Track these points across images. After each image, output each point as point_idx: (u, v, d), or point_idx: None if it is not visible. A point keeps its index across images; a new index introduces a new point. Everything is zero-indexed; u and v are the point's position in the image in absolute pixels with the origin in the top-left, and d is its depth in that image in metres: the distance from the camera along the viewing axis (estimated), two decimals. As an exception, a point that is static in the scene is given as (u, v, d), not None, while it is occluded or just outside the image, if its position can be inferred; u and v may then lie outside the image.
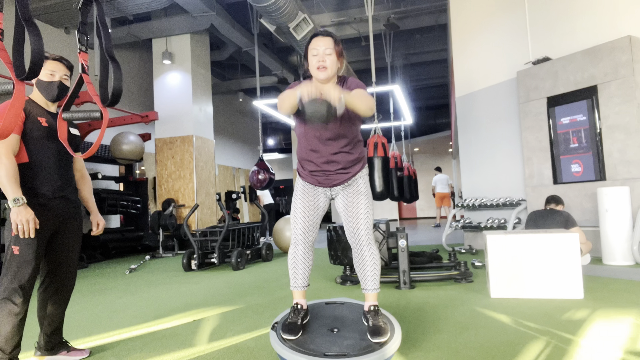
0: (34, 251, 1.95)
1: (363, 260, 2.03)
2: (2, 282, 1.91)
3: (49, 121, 2.08)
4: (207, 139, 9.08)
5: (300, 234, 2.06)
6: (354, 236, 2.04)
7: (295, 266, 2.08)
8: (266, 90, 13.59)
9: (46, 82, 2.08)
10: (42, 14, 7.05)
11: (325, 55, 1.94)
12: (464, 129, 6.68)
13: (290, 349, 1.81)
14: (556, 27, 5.43)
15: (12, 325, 1.89)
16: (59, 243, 2.12)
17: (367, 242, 2.02)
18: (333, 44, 1.95)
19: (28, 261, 1.93)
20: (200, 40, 9.05)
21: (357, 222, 2.02)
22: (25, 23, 1.25)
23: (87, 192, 2.36)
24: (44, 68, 2.05)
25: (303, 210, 2.07)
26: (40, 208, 1.97)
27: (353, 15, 8.71)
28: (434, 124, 16.15)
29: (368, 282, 2.03)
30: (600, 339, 2.14)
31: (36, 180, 2.00)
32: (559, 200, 4.27)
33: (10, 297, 1.89)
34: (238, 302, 3.42)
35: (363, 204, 2.04)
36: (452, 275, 3.77)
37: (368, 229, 2.03)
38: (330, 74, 1.95)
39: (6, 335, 1.89)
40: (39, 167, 2.01)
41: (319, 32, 2.00)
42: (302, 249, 2.07)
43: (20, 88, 1.25)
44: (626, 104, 4.52)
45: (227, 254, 5.49)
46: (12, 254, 1.91)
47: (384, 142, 5.21)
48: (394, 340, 1.84)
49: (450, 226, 6.53)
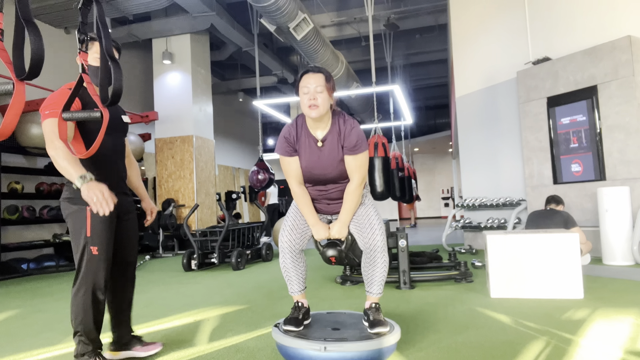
0: (111, 248, 1.94)
1: (374, 266, 2.04)
2: (85, 282, 1.89)
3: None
4: (207, 139, 9.08)
5: (285, 242, 2.08)
6: (370, 245, 2.03)
7: (287, 274, 2.10)
8: (266, 90, 13.59)
9: (95, 67, 1.97)
10: (42, 14, 7.05)
11: (316, 93, 1.88)
12: (464, 129, 6.68)
13: (291, 337, 1.88)
14: (556, 27, 5.43)
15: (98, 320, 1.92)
16: (120, 239, 2.07)
17: (382, 248, 2.03)
18: (324, 81, 1.90)
19: (106, 259, 1.92)
20: (200, 40, 9.05)
21: (372, 232, 2.02)
22: (25, 23, 1.25)
23: (136, 178, 2.30)
24: (92, 51, 1.97)
25: (293, 220, 2.09)
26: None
27: (353, 15, 8.71)
28: (434, 124, 16.14)
29: (374, 287, 2.06)
30: (600, 339, 2.14)
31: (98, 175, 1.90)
32: (559, 200, 4.26)
33: (97, 296, 1.90)
34: (238, 302, 3.42)
35: (373, 214, 2.06)
36: (452, 275, 3.77)
37: (383, 237, 2.04)
38: (322, 112, 1.89)
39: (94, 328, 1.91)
40: (98, 161, 1.93)
41: (309, 68, 1.96)
42: (290, 257, 2.07)
43: (20, 88, 1.25)
44: (626, 104, 4.51)
45: (227, 254, 5.49)
46: (92, 254, 1.88)
47: (384, 142, 5.21)
48: (393, 333, 1.90)
49: (450, 226, 6.53)
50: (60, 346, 2.48)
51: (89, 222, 1.88)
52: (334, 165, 1.97)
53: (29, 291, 4.51)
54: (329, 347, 1.76)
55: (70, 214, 1.92)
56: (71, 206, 1.91)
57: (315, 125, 1.96)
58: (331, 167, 1.98)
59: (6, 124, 1.24)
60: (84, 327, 1.90)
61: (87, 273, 1.89)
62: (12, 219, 6.03)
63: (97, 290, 1.90)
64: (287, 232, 2.08)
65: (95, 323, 1.92)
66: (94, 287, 1.89)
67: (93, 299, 1.89)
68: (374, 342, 1.81)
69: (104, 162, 1.98)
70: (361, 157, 1.95)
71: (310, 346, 1.78)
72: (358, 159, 1.95)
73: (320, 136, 1.98)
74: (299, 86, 1.94)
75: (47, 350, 2.42)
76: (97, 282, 1.90)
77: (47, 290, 4.48)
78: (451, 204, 17.82)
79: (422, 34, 10.24)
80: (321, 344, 1.77)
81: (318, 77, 1.90)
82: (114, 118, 2.07)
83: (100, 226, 1.90)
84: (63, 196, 1.95)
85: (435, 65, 12.19)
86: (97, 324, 1.93)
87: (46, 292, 4.41)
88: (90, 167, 1.92)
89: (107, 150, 1.98)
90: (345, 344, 1.78)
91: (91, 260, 1.88)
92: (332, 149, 1.96)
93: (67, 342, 2.54)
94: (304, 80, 1.92)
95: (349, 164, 1.96)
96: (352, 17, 8.73)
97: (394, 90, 7.26)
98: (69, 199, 1.92)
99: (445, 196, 18.59)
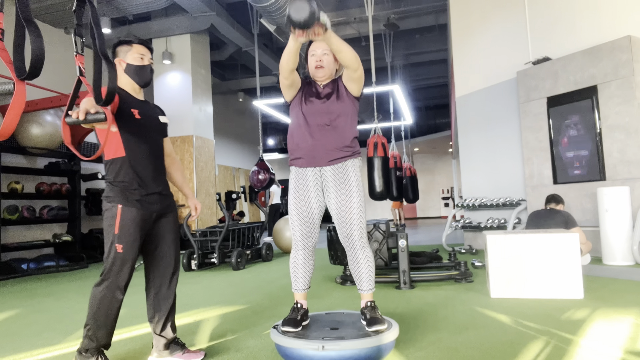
0: (136, 249, 1.93)
1: (358, 264, 2.07)
2: (106, 278, 1.89)
3: (142, 112, 2.02)
4: (207, 139, 9.08)
5: (299, 240, 2.09)
6: (348, 240, 2.06)
7: (295, 270, 2.11)
8: (266, 90, 13.59)
9: (138, 67, 2.01)
10: (42, 14, 7.05)
11: (323, 55, 2.07)
12: (464, 129, 6.68)
13: (290, 337, 1.88)
14: (556, 27, 5.43)
15: (111, 318, 1.90)
16: (158, 240, 2.06)
17: (361, 245, 2.05)
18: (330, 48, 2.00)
19: (130, 259, 1.91)
20: (200, 40, 9.05)
21: (350, 227, 2.03)
22: (25, 23, 1.25)
23: (179, 176, 2.30)
24: (132, 52, 2.01)
25: (298, 216, 2.09)
26: (137, 205, 1.93)
27: (353, 15, 8.71)
28: (434, 124, 16.15)
29: (363, 284, 2.09)
30: (600, 339, 2.14)
31: (132, 176, 1.95)
32: (559, 200, 4.26)
33: (114, 294, 1.89)
34: (238, 302, 3.42)
35: (355, 206, 2.03)
36: (452, 275, 3.77)
37: (361, 233, 2.04)
38: (328, 73, 2.08)
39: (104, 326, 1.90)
40: (135, 162, 1.95)
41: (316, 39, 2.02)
42: (303, 254, 2.10)
43: (20, 88, 1.25)
44: (626, 104, 4.52)
45: (227, 254, 5.49)
46: (116, 252, 1.88)
47: (383, 142, 5.21)
48: (391, 330, 1.90)
49: (450, 226, 6.53)
50: (60, 346, 2.48)
51: (118, 219, 1.90)
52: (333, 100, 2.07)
53: (29, 291, 4.51)
54: (327, 345, 1.76)
55: (105, 210, 1.95)
56: (107, 204, 1.94)
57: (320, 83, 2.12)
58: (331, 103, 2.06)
59: (6, 124, 1.24)
60: (94, 321, 1.89)
61: (110, 270, 1.89)
62: (12, 219, 6.03)
63: (117, 289, 1.90)
64: (298, 227, 2.08)
65: (107, 320, 1.91)
66: (114, 285, 1.89)
67: (111, 296, 1.89)
68: (372, 339, 1.81)
69: (142, 162, 1.98)
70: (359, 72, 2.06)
71: (308, 345, 1.78)
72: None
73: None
74: (307, 52, 2.11)
75: (47, 350, 2.42)
76: (118, 280, 1.90)
77: (47, 290, 4.48)
78: (451, 204, 17.83)
79: (422, 34, 10.24)
80: (319, 342, 1.77)
81: (324, 44, 2.06)
82: (152, 119, 2.09)
83: (129, 224, 1.91)
84: (103, 195, 1.99)
85: (435, 65, 12.19)
86: (109, 321, 1.92)
87: (46, 292, 4.41)
88: (128, 167, 1.94)
89: (144, 151, 2.00)
90: (343, 342, 1.78)
91: (115, 257, 1.89)
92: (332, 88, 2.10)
93: (67, 342, 2.54)
94: (312, 46, 2.09)
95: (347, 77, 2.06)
96: (352, 17, 8.73)
97: (394, 90, 7.26)
98: (106, 197, 1.96)
99: (445, 196, 18.59)
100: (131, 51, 2.01)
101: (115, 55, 2.04)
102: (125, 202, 1.92)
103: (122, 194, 1.93)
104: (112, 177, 1.95)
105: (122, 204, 1.91)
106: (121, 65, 2.02)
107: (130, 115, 1.96)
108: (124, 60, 2.01)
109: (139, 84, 2.05)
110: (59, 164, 6.81)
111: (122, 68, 2.02)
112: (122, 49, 2.02)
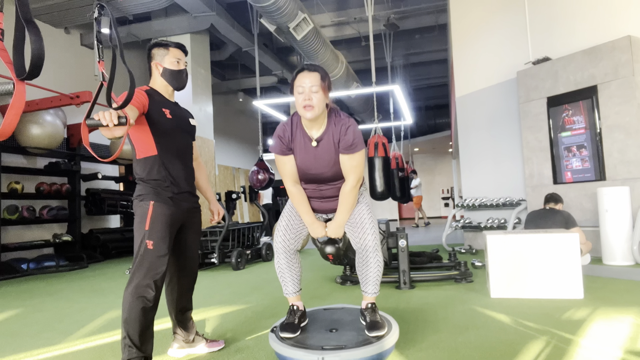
0: (167, 245, 1.91)
1: (367, 266, 2.02)
2: (135, 277, 1.85)
3: (173, 112, 2.04)
4: (207, 138, 9.08)
5: (280, 243, 2.06)
6: (361, 244, 2.00)
7: (282, 275, 2.08)
8: (266, 90, 13.58)
9: (175, 71, 2.04)
10: (42, 14, 7.05)
11: (311, 93, 1.83)
12: (464, 129, 6.68)
13: (289, 345, 1.85)
14: (556, 27, 5.43)
15: (145, 321, 1.85)
16: (185, 239, 2.08)
17: (374, 248, 2.00)
18: (319, 81, 1.84)
19: (162, 256, 1.88)
20: (200, 40, 9.05)
21: (364, 232, 1.99)
22: (25, 23, 1.25)
23: (204, 181, 2.31)
24: (169, 55, 2.03)
25: (288, 220, 2.08)
26: (169, 202, 1.94)
27: (353, 15, 8.71)
28: (434, 124, 16.13)
29: (369, 286, 2.04)
30: (600, 339, 2.14)
31: (164, 174, 1.96)
32: (558, 199, 4.25)
33: (144, 293, 1.84)
34: (238, 302, 3.42)
35: (366, 213, 2.02)
36: (452, 275, 3.77)
37: (375, 236, 2.00)
38: (318, 112, 1.85)
39: (140, 331, 1.83)
40: (167, 160, 1.97)
41: (304, 66, 1.91)
42: (284, 257, 2.06)
43: (20, 88, 1.25)
44: (626, 104, 4.51)
45: (227, 254, 5.49)
46: (146, 248, 1.86)
47: (384, 142, 5.21)
48: (391, 335, 1.89)
49: (450, 226, 6.53)
50: (60, 346, 2.48)
51: (149, 215, 1.89)
52: (330, 166, 1.95)
53: (29, 291, 4.51)
54: (326, 357, 1.72)
55: (137, 208, 1.94)
56: (139, 202, 1.94)
57: (311, 124, 1.93)
58: (327, 167, 1.95)
59: (6, 124, 1.24)
60: (128, 327, 1.83)
61: (139, 267, 1.86)
62: (12, 219, 6.03)
63: (147, 287, 1.84)
64: (282, 232, 2.06)
65: (141, 325, 1.83)
66: (145, 283, 1.84)
67: (141, 295, 1.83)
68: (372, 347, 1.78)
69: (173, 161, 2.00)
70: (357, 157, 1.92)
71: (308, 357, 1.75)
72: (354, 158, 1.91)
73: (315, 135, 1.94)
74: (293, 85, 1.88)
75: (47, 350, 2.42)
76: (149, 277, 1.85)
77: (47, 290, 4.48)
78: (451, 204, 17.82)
79: (422, 34, 10.23)
80: (319, 354, 1.74)
81: (313, 76, 1.85)
82: (183, 120, 2.12)
83: (160, 220, 1.90)
84: (134, 195, 1.99)
85: (435, 65, 12.18)
86: (143, 326, 1.84)
87: (46, 292, 4.41)
88: (160, 165, 1.95)
89: (175, 151, 2.02)
90: (343, 352, 1.74)
91: (145, 254, 1.87)
92: (327, 149, 1.93)
93: (67, 342, 2.54)
94: (299, 79, 1.86)
95: (344, 163, 1.93)
96: (352, 17, 8.73)
97: (394, 90, 7.26)
98: (138, 195, 1.96)
99: (445, 196, 18.57)
100: (168, 55, 2.04)
101: (152, 58, 2.05)
102: (157, 199, 1.92)
103: (154, 191, 1.93)
104: (144, 175, 1.95)
105: (154, 200, 1.91)
106: (158, 68, 2.04)
107: (162, 115, 1.98)
108: (161, 64, 2.03)
109: (175, 87, 2.08)
110: (59, 164, 6.81)
111: (158, 71, 2.05)
112: (159, 52, 2.04)
